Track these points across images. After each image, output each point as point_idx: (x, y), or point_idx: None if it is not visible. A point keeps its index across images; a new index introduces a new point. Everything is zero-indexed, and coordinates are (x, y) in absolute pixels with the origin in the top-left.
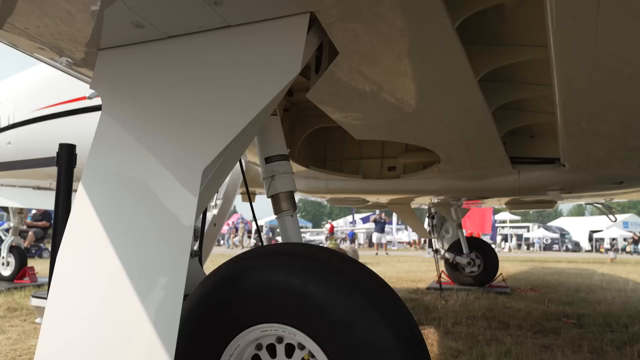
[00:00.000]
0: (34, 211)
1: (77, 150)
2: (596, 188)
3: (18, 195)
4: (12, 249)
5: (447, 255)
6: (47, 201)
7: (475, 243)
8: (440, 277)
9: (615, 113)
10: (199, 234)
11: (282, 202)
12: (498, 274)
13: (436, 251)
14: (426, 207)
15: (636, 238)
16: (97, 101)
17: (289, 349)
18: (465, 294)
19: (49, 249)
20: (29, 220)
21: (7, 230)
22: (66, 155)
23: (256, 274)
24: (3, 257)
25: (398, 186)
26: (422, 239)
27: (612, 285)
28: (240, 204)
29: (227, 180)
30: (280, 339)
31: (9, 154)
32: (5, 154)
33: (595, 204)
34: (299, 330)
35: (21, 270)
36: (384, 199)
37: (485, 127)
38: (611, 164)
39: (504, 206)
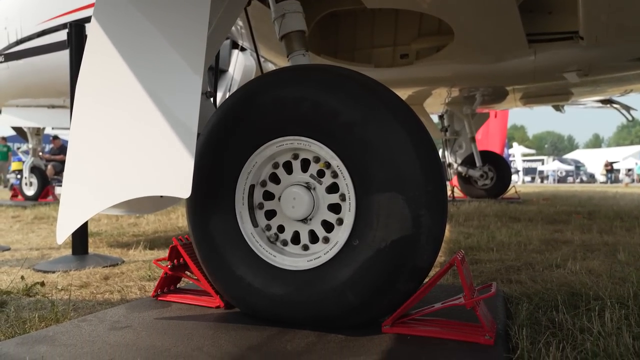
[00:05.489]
0: (51, 145)
1: None
2: (614, 68)
3: (34, 115)
4: (34, 170)
5: (459, 169)
6: (62, 119)
7: (489, 156)
8: (453, 190)
9: None
10: (214, 77)
11: (294, 42)
12: (511, 186)
13: (449, 165)
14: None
15: (608, 167)
16: None
17: (305, 165)
18: (478, 203)
19: None
20: (46, 155)
21: (26, 152)
22: (76, 35)
23: (270, 89)
24: (26, 178)
25: (411, 74)
26: None
27: (626, 197)
28: None
29: (238, 79)
30: (295, 155)
31: (19, 70)
32: (16, 68)
33: (613, 105)
34: (313, 140)
35: (44, 190)
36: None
37: None
38: (631, 33)
39: (520, 104)
